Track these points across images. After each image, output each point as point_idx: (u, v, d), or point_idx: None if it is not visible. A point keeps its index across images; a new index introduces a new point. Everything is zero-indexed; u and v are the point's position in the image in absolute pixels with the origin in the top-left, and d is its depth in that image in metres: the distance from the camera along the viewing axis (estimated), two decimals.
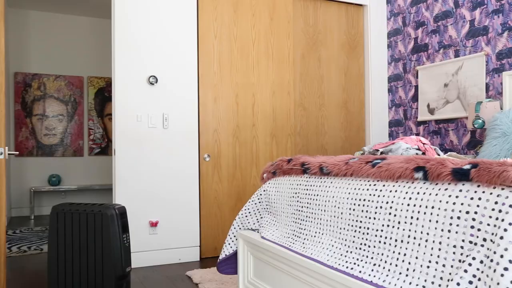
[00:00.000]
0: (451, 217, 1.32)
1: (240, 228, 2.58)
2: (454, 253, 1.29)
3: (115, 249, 2.29)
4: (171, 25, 3.78)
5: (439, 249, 1.33)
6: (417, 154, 2.46)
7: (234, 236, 2.59)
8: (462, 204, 1.30)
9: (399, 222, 1.51)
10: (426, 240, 1.38)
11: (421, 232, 1.41)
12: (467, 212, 1.28)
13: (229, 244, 2.60)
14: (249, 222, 2.56)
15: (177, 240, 3.75)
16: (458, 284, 1.20)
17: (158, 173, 3.70)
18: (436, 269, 1.33)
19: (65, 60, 6.91)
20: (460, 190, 1.33)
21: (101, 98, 7.16)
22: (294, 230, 2.15)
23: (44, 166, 6.77)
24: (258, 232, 2.50)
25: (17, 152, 2.46)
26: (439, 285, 1.31)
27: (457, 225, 1.29)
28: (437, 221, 1.36)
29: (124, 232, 2.37)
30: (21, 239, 4.76)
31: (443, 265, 1.31)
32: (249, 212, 2.55)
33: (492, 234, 1.19)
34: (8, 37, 6.45)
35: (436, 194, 1.40)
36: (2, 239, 2.28)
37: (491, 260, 1.16)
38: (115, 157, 3.58)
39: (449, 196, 1.35)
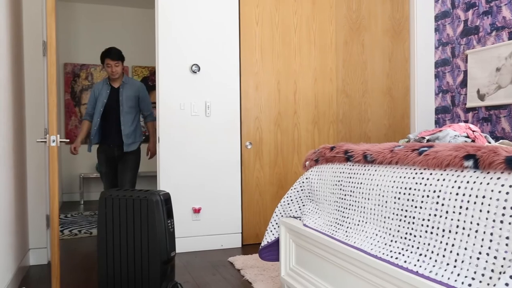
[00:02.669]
0: (504, 208, 1.26)
1: (282, 216, 2.59)
2: (507, 245, 1.23)
3: (160, 234, 2.36)
4: (213, 13, 3.80)
5: (490, 241, 1.28)
6: (466, 142, 2.37)
7: (276, 224, 2.60)
8: None
9: (447, 212, 1.46)
10: (476, 231, 1.33)
11: (471, 223, 1.36)
12: None
13: (271, 231, 2.61)
14: (291, 210, 2.56)
15: (220, 227, 3.81)
16: (511, 277, 1.15)
17: (201, 160, 3.76)
18: (486, 261, 1.28)
19: None
20: None
21: (146, 87, 7.32)
22: (337, 218, 2.13)
23: (92, 153, 7.03)
24: (300, 219, 2.50)
25: (68, 140, 2.57)
26: (490, 278, 1.26)
27: (510, 216, 1.24)
28: (488, 212, 1.31)
29: (168, 217, 2.43)
30: (72, 223, 4.99)
31: (495, 257, 1.26)
32: (291, 200, 2.55)
33: None
34: (57, 29, 6.70)
35: (488, 184, 1.34)
36: (55, 222, 2.40)
37: None
38: (159, 145, 3.66)
39: (502, 185, 1.29)
